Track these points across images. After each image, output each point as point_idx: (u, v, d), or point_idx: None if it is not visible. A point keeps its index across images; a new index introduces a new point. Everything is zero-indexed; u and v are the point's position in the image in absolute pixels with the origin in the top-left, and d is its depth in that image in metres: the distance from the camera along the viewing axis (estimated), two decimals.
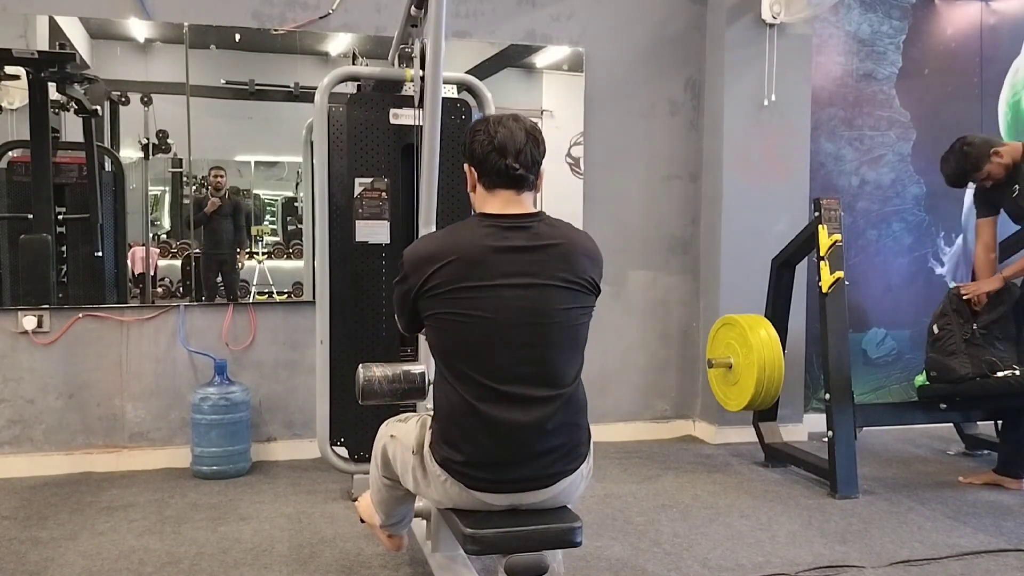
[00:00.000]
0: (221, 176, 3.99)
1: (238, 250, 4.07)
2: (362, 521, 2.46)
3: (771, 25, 4.25)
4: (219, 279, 4.02)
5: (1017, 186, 3.48)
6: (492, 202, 1.95)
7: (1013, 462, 3.58)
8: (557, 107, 4.28)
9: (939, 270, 4.85)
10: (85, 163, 3.78)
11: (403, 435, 2.07)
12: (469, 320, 1.84)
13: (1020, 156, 3.49)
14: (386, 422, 2.21)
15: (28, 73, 3.60)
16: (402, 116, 3.28)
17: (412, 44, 3.04)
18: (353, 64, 3.73)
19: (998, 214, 3.69)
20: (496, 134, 1.91)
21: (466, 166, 2.00)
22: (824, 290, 3.55)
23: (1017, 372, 3.38)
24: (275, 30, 3.89)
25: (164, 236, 3.99)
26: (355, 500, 2.68)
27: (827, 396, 3.53)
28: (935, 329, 3.62)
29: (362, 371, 2.23)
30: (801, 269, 4.10)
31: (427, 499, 2.05)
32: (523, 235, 1.89)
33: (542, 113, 4.26)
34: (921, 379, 3.73)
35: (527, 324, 1.85)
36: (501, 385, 1.84)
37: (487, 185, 1.95)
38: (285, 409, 3.98)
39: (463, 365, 1.86)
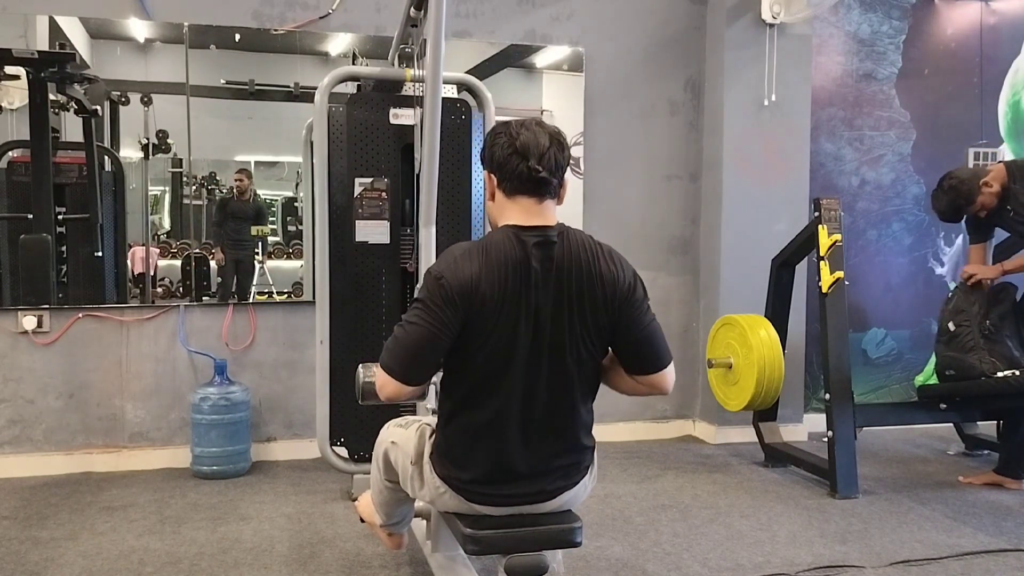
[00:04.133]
0: (241, 180, 4.01)
1: (256, 251, 4.10)
2: (362, 521, 2.46)
3: (771, 25, 4.26)
4: (233, 278, 4.06)
5: (1011, 208, 3.50)
6: (512, 211, 1.83)
7: (1013, 462, 3.57)
8: (557, 107, 4.28)
9: (939, 270, 4.85)
10: (85, 163, 3.78)
11: (403, 443, 2.06)
12: (489, 351, 1.78)
13: (1008, 178, 3.50)
14: (387, 425, 2.21)
15: (28, 73, 3.60)
16: (402, 116, 3.28)
17: (412, 44, 3.05)
18: (353, 64, 3.74)
19: (990, 239, 3.75)
20: (518, 136, 1.80)
21: (485, 173, 1.90)
22: (824, 290, 3.55)
23: (1017, 372, 3.38)
24: (275, 30, 3.89)
25: (164, 236, 4.00)
26: (355, 500, 2.68)
27: (827, 396, 3.53)
28: (950, 327, 3.58)
29: (362, 371, 2.23)
30: (801, 269, 4.10)
31: (425, 504, 2.05)
32: (547, 255, 1.79)
33: (542, 113, 4.26)
34: (921, 379, 3.73)
35: (544, 356, 1.81)
36: (512, 414, 1.82)
37: (507, 191, 1.83)
38: (285, 409, 3.98)
39: (476, 392, 1.83)
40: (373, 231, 3.30)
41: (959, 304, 3.60)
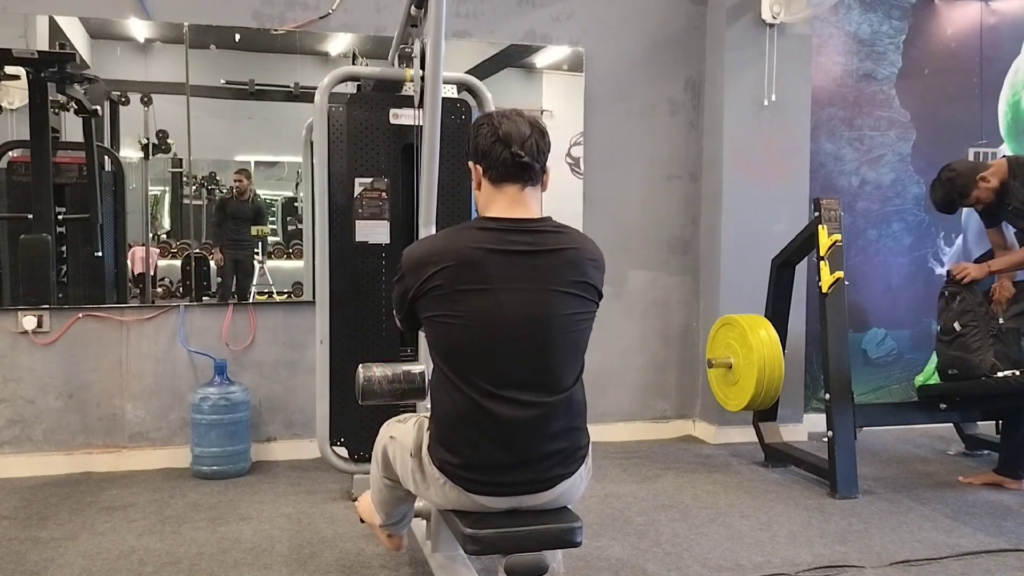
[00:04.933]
0: (241, 180, 4.01)
1: (256, 251, 4.11)
2: (362, 521, 2.46)
3: (771, 25, 4.26)
4: (232, 278, 4.06)
5: (1009, 203, 3.49)
6: (498, 201, 1.91)
7: (1013, 462, 3.57)
8: (557, 107, 4.28)
9: (939, 270, 4.85)
10: (85, 163, 3.78)
11: (402, 436, 2.07)
12: (468, 324, 1.82)
13: (1008, 174, 3.48)
14: (386, 423, 2.21)
15: (28, 73, 3.60)
16: (402, 116, 3.28)
17: (412, 44, 3.05)
18: (353, 64, 3.74)
19: (1003, 222, 3.72)
20: (500, 126, 1.88)
21: (471, 164, 1.97)
22: (824, 290, 3.55)
23: (1017, 372, 3.37)
24: (275, 30, 3.89)
25: (164, 236, 4.00)
26: (355, 500, 2.68)
27: (827, 396, 3.53)
28: (956, 326, 3.54)
29: (362, 371, 2.23)
30: (801, 269, 4.10)
31: (427, 500, 2.04)
32: (527, 239, 1.86)
33: (542, 113, 4.25)
34: (921, 379, 3.72)
35: (527, 330, 1.83)
36: (500, 390, 1.83)
37: (493, 178, 1.91)
38: (285, 409, 3.98)
39: (461, 368, 1.85)
40: (373, 231, 3.30)
41: (966, 305, 3.58)
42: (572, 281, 1.87)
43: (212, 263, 3.99)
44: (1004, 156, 3.77)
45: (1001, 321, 3.51)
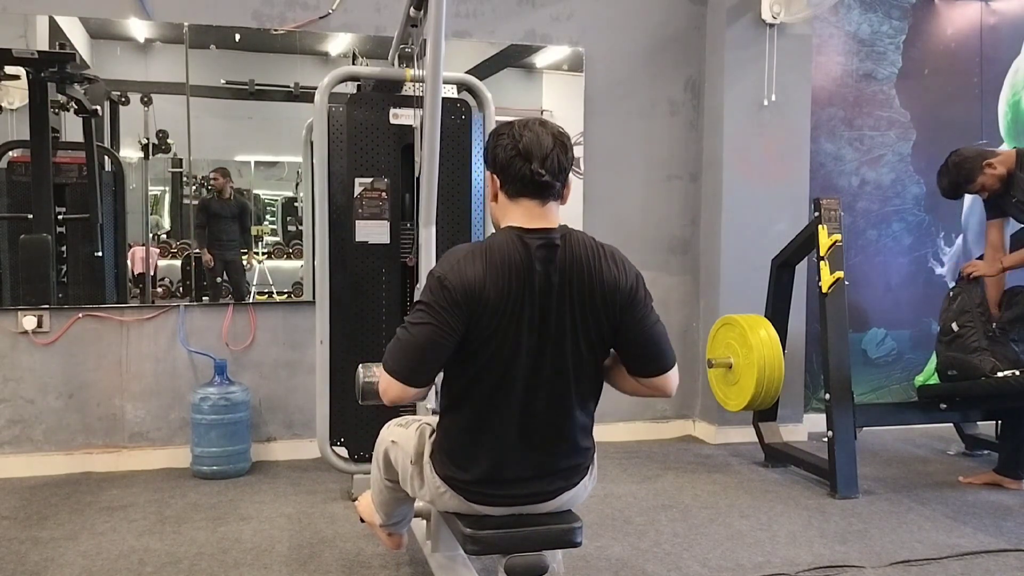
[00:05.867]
0: (217, 178, 3.99)
1: (243, 250, 4.09)
2: (362, 521, 2.46)
3: (771, 25, 4.26)
4: (224, 278, 4.04)
5: (1015, 196, 3.48)
6: (515, 212, 1.82)
7: (1013, 462, 3.57)
8: (557, 107, 4.28)
9: (939, 270, 4.85)
10: (85, 163, 3.78)
11: (403, 442, 2.07)
12: (490, 351, 1.77)
13: (1015, 164, 3.47)
14: (387, 425, 2.21)
15: (28, 73, 3.60)
16: (402, 116, 3.28)
17: (412, 44, 3.05)
18: (353, 64, 3.75)
19: (1007, 216, 3.69)
20: (521, 138, 1.78)
21: (487, 174, 1.89)
22: (824, 290, 3.55)
23: (1017, 372, 3.37)
24: (275, 30, 3.89)
25: (164, 236, 4.00)
26: (355, 500, 2.68)
27: (827, 396, 3.53)
28: (954, 327, 3.55)
29: (362, 371, 2.23)
30: (801, 269, 4.10)
31: (425, 504, 2.05)
32: (550, 257, 1.77)
33: (542, 113, 4.26)
34: (921, 379, 3.71)
35: (545, 357, 1.80)
36: (513, 415, 1.82)
37: (510, 193, 1.82)
38: (285, 409, 3.98)
39: (477, 393, 1.82)
40: (373, 231, 3.30)
41: (964, 305, 3.58)
42: (592, 311, 1.80)
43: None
44: (1015, 147, 3.74)
45: (995, 325, 3.51)
